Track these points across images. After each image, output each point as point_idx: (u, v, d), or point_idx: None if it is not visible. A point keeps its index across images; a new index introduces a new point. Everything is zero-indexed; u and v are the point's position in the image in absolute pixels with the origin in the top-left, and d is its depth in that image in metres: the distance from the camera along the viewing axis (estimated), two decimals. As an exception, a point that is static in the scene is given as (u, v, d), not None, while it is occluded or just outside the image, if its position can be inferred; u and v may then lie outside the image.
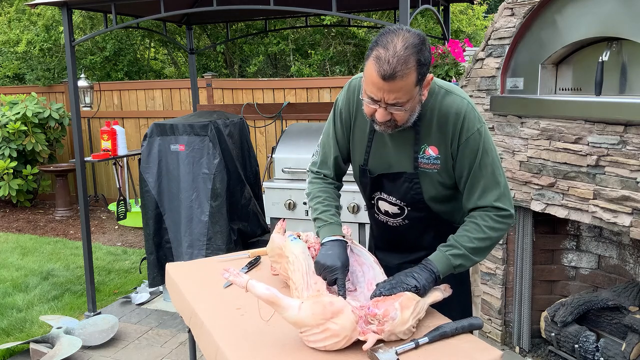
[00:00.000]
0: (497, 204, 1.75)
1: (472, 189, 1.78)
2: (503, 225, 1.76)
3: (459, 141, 1.75)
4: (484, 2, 8.98)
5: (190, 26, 4.99)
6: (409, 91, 1.63)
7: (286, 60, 9.09)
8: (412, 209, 1.88)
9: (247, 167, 3.96)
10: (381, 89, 1.61)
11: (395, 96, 1.62)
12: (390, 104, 1.64)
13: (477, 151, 1.75)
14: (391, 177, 1.86)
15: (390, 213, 1.93)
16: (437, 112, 1.77)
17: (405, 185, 1.84)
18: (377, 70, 1.58)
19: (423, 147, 1.80)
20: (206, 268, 2.33)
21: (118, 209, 4.46)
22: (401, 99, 1.63)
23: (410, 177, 1.82)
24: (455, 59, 3.58)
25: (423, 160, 1.80)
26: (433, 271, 1.70)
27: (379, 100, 1.65)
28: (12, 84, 9.08)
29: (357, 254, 1.88)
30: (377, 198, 1.95)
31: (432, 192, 1.83)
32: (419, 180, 1.82)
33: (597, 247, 3.17)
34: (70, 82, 3.77)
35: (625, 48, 2.64)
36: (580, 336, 2.94)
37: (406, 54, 1.57)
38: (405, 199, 1.86)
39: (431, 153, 1.79)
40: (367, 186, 1.95)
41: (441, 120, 1.77)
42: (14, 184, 6.78)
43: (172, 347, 3.56)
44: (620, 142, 2.51)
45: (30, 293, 4.43)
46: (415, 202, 1.85)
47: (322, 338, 1.53)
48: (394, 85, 1.59)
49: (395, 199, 1.89)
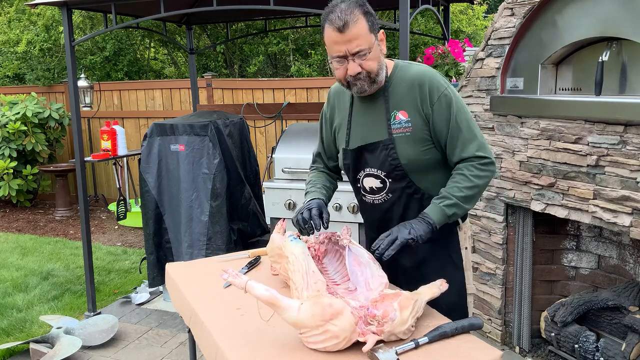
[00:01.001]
0: (478, 153, 1.90)
1: (454, 145, 1.92)
2: (487, 173, 1.91)
3: (431, 101, 1.91)
4: (484, 2, 8.98)
5: (190, 26, 4.99)
6: (366, 38, 1.83)
7: (286, 60, 9.09)
8: (392, 180, 1.98)
9: (247, 167, 3.96)
10: (341, 42, 1.81)
11: (356, 43, 1.82)
12: (355, 53, 1.83)
13: (450, 109, 1.91)
14: (370, 148, 1.99)
15: (375, 188, 2.03)
16: (402, 80, 1.96)
17: (383, 153, 1.96)
18: (332, 27, 1.81)
19: (393, 114, 1.95)
20: (206, 268, 2.33)
21: (118, 209, 4.46)
22: (362, 45, 1.82)
23: (386, 143, 1.95)
24: (455, 59, 3.58)
25: (395, 126, 1.95)
26: (429, 222, 1.85)
27: (344, 56, 1.84)
28: (12, 84, 9.08)
29: (355, 254, 1.88)
30: (362, 177, 2.06)
31: (408, 155, 1.94)
32: (394, 146, 1.94)
33: (597, 247, 3.17)
34: (70, 82, 3.77)
35: (625, 48, 2.63)
36: (580, 336, 2.94)
37: (350, 7, 1.81)
38: (385, 167, 1.97)
39: (401, 117, 1.94)
40: (350, 167, 2.07)
41: (407, 85, 1.94)
42: (14, 184, 6.78)
43: (172, 347, 3.56)
44: (620, 142, 2.51)
45: (30, 293, 4.43)
46: (394, 169, 1.96)
47: (322, 339, 1.53)
48: (349, 33, 1.80)
49: (377, 170, 2.00)
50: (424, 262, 2.03)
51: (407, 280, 2.01)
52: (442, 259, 2.04)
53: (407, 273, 2.05)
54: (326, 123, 2.20)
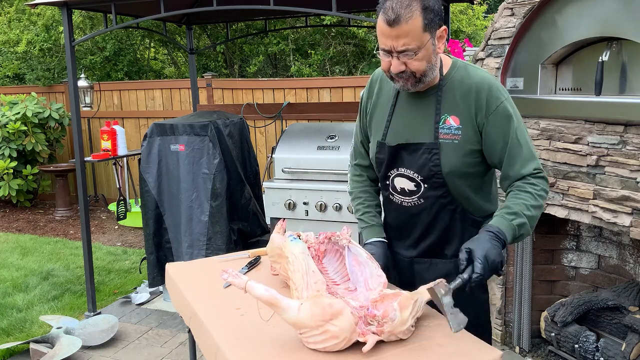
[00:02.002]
0: (538, 172, 1.78)
1: (513, 160, 1.78)
2: (546, 192, 1.78)
3: (487, 111, 1.76)
4: (484, 2, 8.98)
5: (190, 26, 4.99)
6: (417, 37, 1.66)
7: (286, 60, 9.09)
8: (429, 186, 1.84)
9: (247, 167, 3.96)
10: (389, 36, 1.66)
11: (403, 42, 1.66)
12: (400, 51, 1.68)
13: (510, 121, 1.77)
14: (410, 148, 1.84)
15: (407, 190, 1.89)
16: (460, 83, 1.80)
17: (424, 157, 1.81)
18: (383, 18, 1.65)
19: (444, 117, 1.80)
20: (206, 268, 2.33)
21: (118, 209, 4.46)
22: (410, 45, 1.66)
23: (430, 147, 1.80)
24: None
25: (443, 131, 1.80)
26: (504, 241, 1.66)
27: (390, 51, 1.69)
28: (12, 84, 9.08)
29: (355, 253, 1.88)
30: (393, 176, 1.91)
31: (451, 165, 1.80)
32: (438, 151, 1.79)
33: (597, 247, 3.17)
34: (70, 82, 3.77)
35: (625, 48, 2.63)
36: (580, 336, 2.94)
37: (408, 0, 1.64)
38: (423, 172, 1.83)
39: (452, 123, 1.79)
40: (383, 162, 1.92)
41: (464, 90, 1.79)
42: (14, 184, 6.78)
43: (172, 347, 3.56)
44: (620, 142, 2.51)
45: (30, 293, 4.43)
46: (433, 176, 1.82)
47: (322, 340, 1.53)
48: (399, 30, 1.64)
49: (413, 173, 1.85)
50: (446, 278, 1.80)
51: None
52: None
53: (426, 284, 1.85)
54: (365, 109, 2.01)
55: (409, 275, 1.97)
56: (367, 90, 2.01)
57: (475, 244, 1.64)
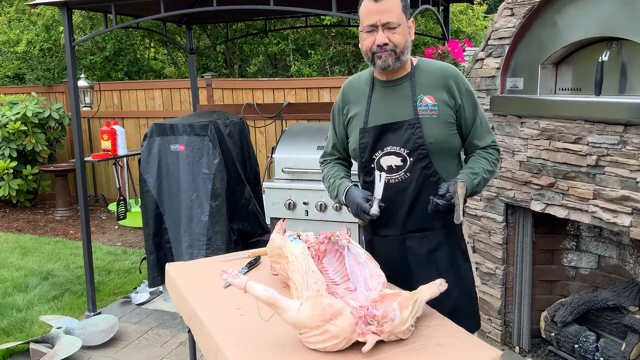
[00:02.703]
0: (494, 144, 2.15)
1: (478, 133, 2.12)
2: (498, 161, 2.17)
3: (459, 91, 2.07)
4: (484, 2, 8.98)
5: (190, 26, 4.99)
6: (398, 15, 1.97)
7: (286, 60, 9.09)
8: (414, 159, 2.04)
9: (247, 167, 3.96)
10: (375, 11, 1.95)
11: (388, 15, 1.95)
12: (385, 24, 1.95)
13: (475, 102, 2.11)
14: (394, 127, 2.05)
15: (394, 167, 2.06)
16: (428, 70, 2.09)
17: (408, 132, 2.03)
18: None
19: (420, 97, 2.05)
20: (206, 268, 2.33)
21: (118, 209, 4.46)
22: (393, 19, 1.95)
23: (412, 122, 2.03)
24: (455, 59, 3.58)
25: (422, 108, 2.04)
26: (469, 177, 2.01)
27: (375, 24, 1.96)
28: (12, 84, 9.08)
29: (354, 253, 1.88)
30: (379, 157, 2.08)
31: (433, 135, 2.02)
32: (420, 125, 2.02)
33: (597, 247, 3.17)
34: (70, 82, 3.77)
35: (625, 48, 2.63)
36: (580, 336, 2.94)
37: None
38: (408, 146, 2.03)
39: (428, 101, 2.04)
40: (367, 146, 2.09)
41: (434, 75, 2.07)
42: (14, 184, 6.78)
43: (172, 347, 3.56)
44: (620, 142, 2.51)
45: (30, 293, 4.43)
46: (418, 147, 2.02)
47: (322, 340, 1.53)
48: (384, 5, 1.94)
49: (399, 148, 2.05)
50: (438, 248, 2.09)
51: (418, 265, 2.08)
52: (453, 247, 2.12)
53: (418, 258, 2.09)
54: (339, 114, 2.23)
55: (403, 252, 2.10)
56: (342, 98, 2.23)
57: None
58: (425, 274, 2.01)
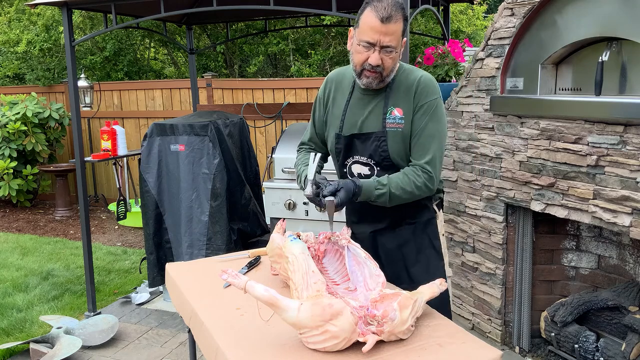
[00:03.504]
0: (427, 166, 2.04)
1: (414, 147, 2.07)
2: (426, 189, 2.05)
3: (418, 103, 2.06)
4: (484, 2, 8.98)
5: (190, 26, 4.99)
6: (398, 38, 1.97)
7: (286, 60, 9.09)
8: (380, 169, 2.11)
9: (247, 167, 3.96)
10: (378, 31, 1.92)
11: (389, 39, 1.94)
12: (384, 47, 1.95)
13: (428, 115, 2.06)
14: (362, 137, 2.12)
15: (362, 175, 2.16)
16: (405, 80, 2.09)
17: (374, 144, 2.09)
18: (376, 14, 1.91)
19: (390, 109, 2.08)
20: (206, 268, 2.33)
21: (118, 209, 4.46)
22: (393, 42, 1.95)
23: (378, 135, 2.08)
24: (455, 59, 3.59)
25: (389, 120, 2.08)
26: (356, 193, 1.97)
27: (374, 44, 1.95)
28: (12, 84, 9.08)
29: (354, 254, 1.88)
30: (350, 164, 2.18)
31: (396, 149, 2.08)
32: (385, 138, 2.07)
33: (597, 247, 3.17)
34: (70, 82, 3.77)
35: (625, 48, 2.63)
36: (580, 336, 2.94)
37: (397, 6, 1.94)
38: (375, 157, 2.10)
39: (396, 114, 2.08)
40: (341, 152, 2.18)
41: (407, 86, 2.08)
42: (14, 184, 6.78)
43: (172, 347, 3.56)
44: (620, 142, 2.52)
45: (30, 293, 4.43)
46: (383, 160, 2.09)
47: (322, 340, 1.53)
48: (389, 27, 1.92)
49: (366, 159, 2.13)
50: (405, 244, 2.18)
51: (388, 260, 2.18)
52: (423, 242, 2.19)
53: (389, 253, 2.19)
54: (320, 106, 2.28)
55: (373, 247, 2.20)
56: (324, 91, 2.27)
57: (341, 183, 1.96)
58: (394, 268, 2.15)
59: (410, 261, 2.18)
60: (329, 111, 2.24)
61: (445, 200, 3.69)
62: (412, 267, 2.17)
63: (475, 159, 3.39)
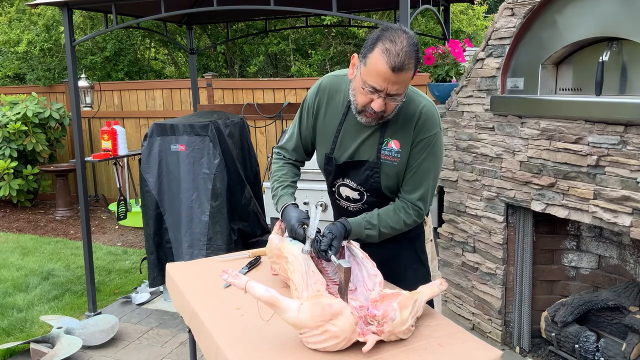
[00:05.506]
0: (418, 203, 1.97)
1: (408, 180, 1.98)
2: (414, 224, 2.01)
3: (418, 137, 1.94)
4: (484, 2, 8.98)
5: (191, 26, 4.99)
6: (406, 85, 1.83)
7: (286, 60, 9.10)
8: (370, 195, 2.03)
9: (247, 167, 3.96)
10: (388, 80, 1.75)
11: (397, 87, 1.78)
12: (391, 95, 1.80)
13: (425, 155, 1.95)
14: (355, 164, 2.02)
15: (351, 198, 2.08)
16: (405, 110, 1.93)
17: (367, 173, 1.99)
18: (387, 62, 1.73)
19: (386, 140, 1.96)
20: (206, 268, 2.33)
21: (118, 209, 4.46)
22: (399, 91, 1.80)
23: (372, 165, 1.98)
24: (455, 59, 3.59)
25: (385, 152, 1.97)
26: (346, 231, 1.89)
27: (380, 90, 1.78)
28: (13, 84, 9.08)
29: (353, 254, 1.88)
30: (338, 185, 2.10)
31: (388, 182, 1.99)
32: (379, 170, 1.97)
33: (597, 247, 3.17)
34: (71, 82, 3.77)
35: (625, 48, 2.63)
36: (581, 336, 2.94)
37: (411, 50, 1.74)
38: (366, 185, 2.02)
39: (393, 146, 1.96)
40: (331, 173, 2.09)
41: (407, 117, 1.94)
42: (14, 184, 6.78)
43: (173, 347, 3.56)
44: (621, 142, 2.51)
45: (30, 293, 4.43)
46: (375, 189, 2.01)
47: (322, 340, 1.53)
48: (400, 76, 1.75)
49: (357, 185, 2.04)
50: (393, 259, 2.12)
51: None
52: (410, 256, 2.14)
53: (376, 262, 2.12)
54: (309, 114, 2.11)
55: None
56: (315, 98, 2.09)
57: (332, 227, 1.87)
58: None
59: (397, 276, 2.08)
60: (319, 123, 2.09)
61: (446, 200, 3.69)
62: (398, 283, 2.05)
63: (475, 159, 3.39)
